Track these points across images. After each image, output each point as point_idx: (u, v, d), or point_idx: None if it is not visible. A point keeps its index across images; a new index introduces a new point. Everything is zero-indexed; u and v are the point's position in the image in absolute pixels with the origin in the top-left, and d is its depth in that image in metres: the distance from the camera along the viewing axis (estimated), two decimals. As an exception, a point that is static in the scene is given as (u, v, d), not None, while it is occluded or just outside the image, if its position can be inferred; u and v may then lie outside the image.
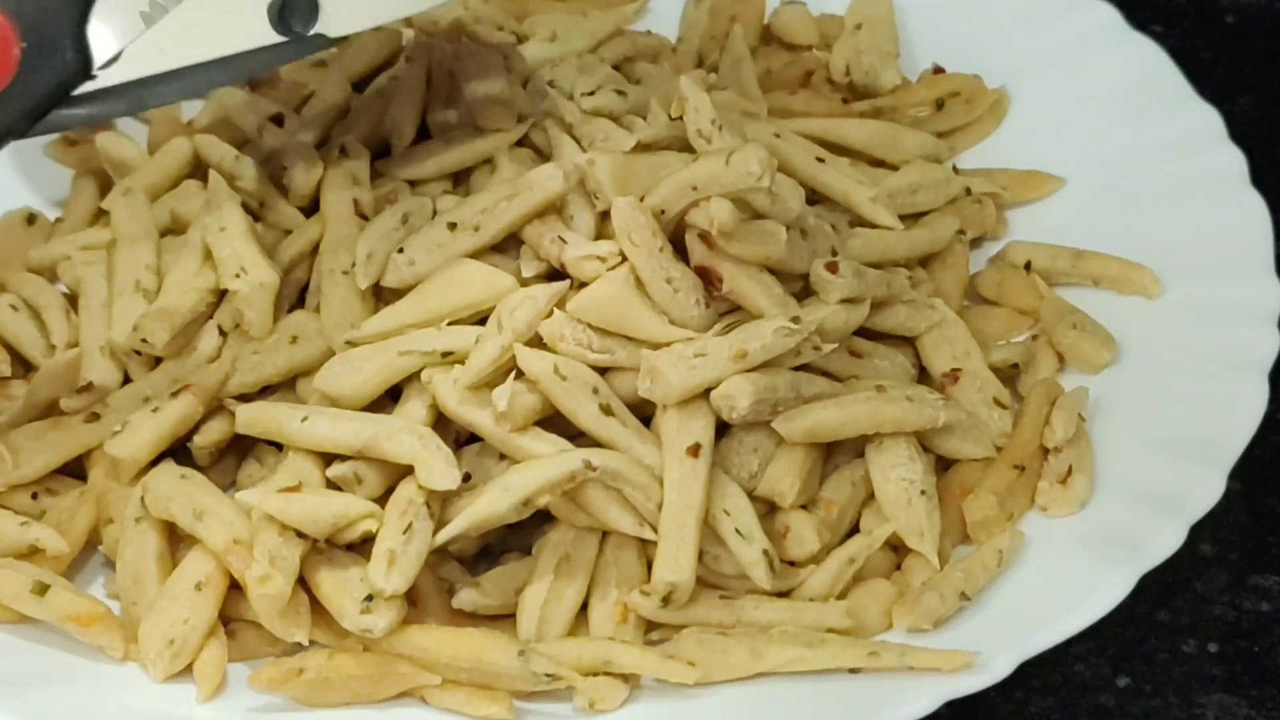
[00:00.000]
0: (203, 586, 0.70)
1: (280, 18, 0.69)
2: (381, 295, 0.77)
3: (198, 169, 0.84)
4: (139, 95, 0.72)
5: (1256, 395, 0.75)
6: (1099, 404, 0.77)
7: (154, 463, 0.74)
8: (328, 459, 0.72)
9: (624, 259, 0.73)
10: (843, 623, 0.70)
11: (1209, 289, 0.81)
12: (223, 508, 0.71)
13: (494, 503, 0.69)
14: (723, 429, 0.72)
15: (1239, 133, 0.87)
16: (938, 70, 0.93)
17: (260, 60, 0.72)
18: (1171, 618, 0.75)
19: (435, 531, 0.70)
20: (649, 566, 0.71)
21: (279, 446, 0.74)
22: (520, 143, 0.82)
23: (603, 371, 0.72)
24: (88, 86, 0.70)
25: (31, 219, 0.86)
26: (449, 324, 0.74)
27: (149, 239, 0.81)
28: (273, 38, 0.70)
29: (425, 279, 0.75)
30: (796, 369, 0.73)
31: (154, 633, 0.69)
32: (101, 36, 0.69)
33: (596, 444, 0.71)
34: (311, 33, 0.70)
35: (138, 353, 0.77)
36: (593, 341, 0.72)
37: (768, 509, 0.73)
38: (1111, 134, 0.89)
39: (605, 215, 0.74)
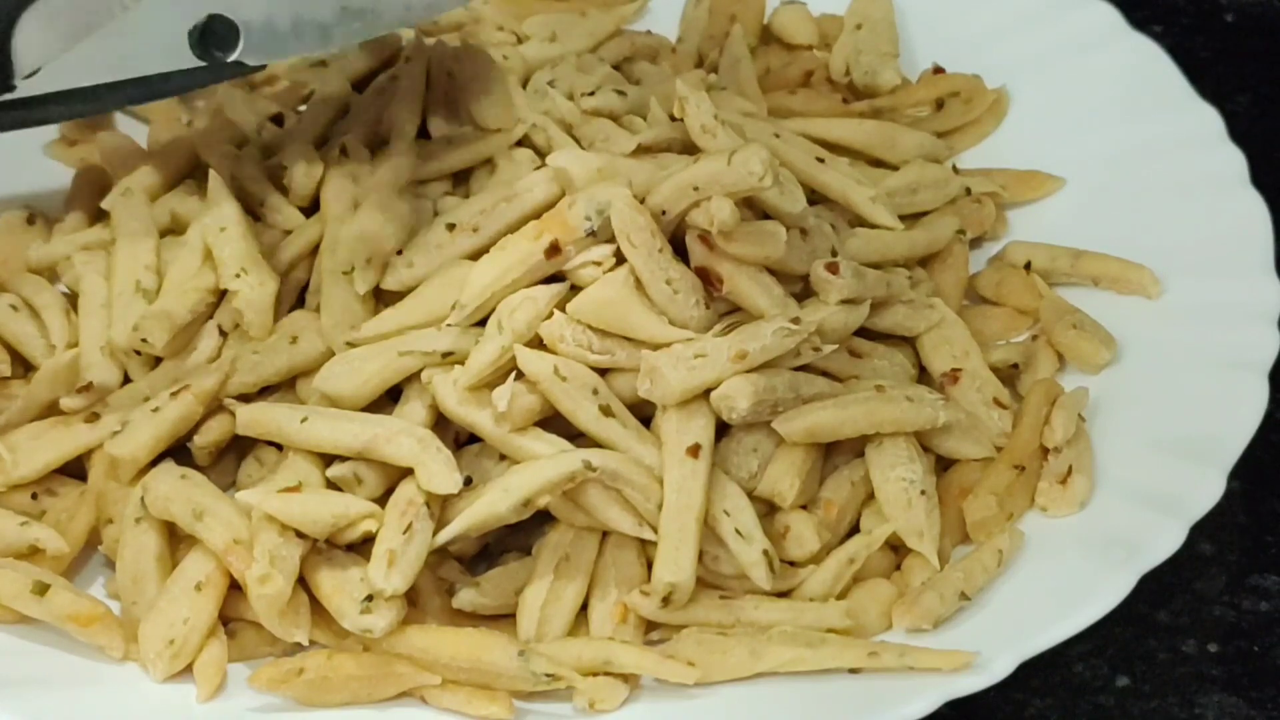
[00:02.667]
0: (203, 586, 0.70)
1: (200, 42, 0.69)
2: (381, 296, 0.77)
3: (198, 169, 0.84)
4: (56, 108, 0.72)
5: (1256, 395, 0.75)
6: (1099, 404, 0.77)
7: (154, 463, 0.74)
8: (328, 459, 0.72)
9: (621, 261, 0.73)
10: (843, 623, 0.70)
11: (1209, 289, 0.81)
12: (223, 508, 0.71)
13: (494, 503, 0.69)
14: (722, 429, 0.72)
15: (1239, 132, 0.87)
16: (938, 70, 0.93)
17: (177, 83, 0.72)
18: (1171, 618, 0.75)
19: (435, 532, 0.70)
20: (649, 566, 0.71)
21: (279, 446, 0.74)
22: (520, 143, 0.82)
23: (603, 372, 0.72)
24: (5, 95, 0.70)
25: (31, 219, 0.86)
26: (448, 325, 0.74)
27: (149, 239, 0.81)
28: (191, 61, 0.69)
29: (424, 280, 0.75)
30: (796, 369, 0.73)
31: (154, 633, 0.69)
32: (25, 50, 0.69)
33: (596, 444, 0.71)
34: (231, 59, 0.70)
35: (138, 353, 0.77)
36: (593, 342, 0.72)
37: (767, 509, 0.73)
38: (1111, 134, 0.89)
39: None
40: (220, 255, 0.78)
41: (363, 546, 0.70)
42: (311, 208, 0.81)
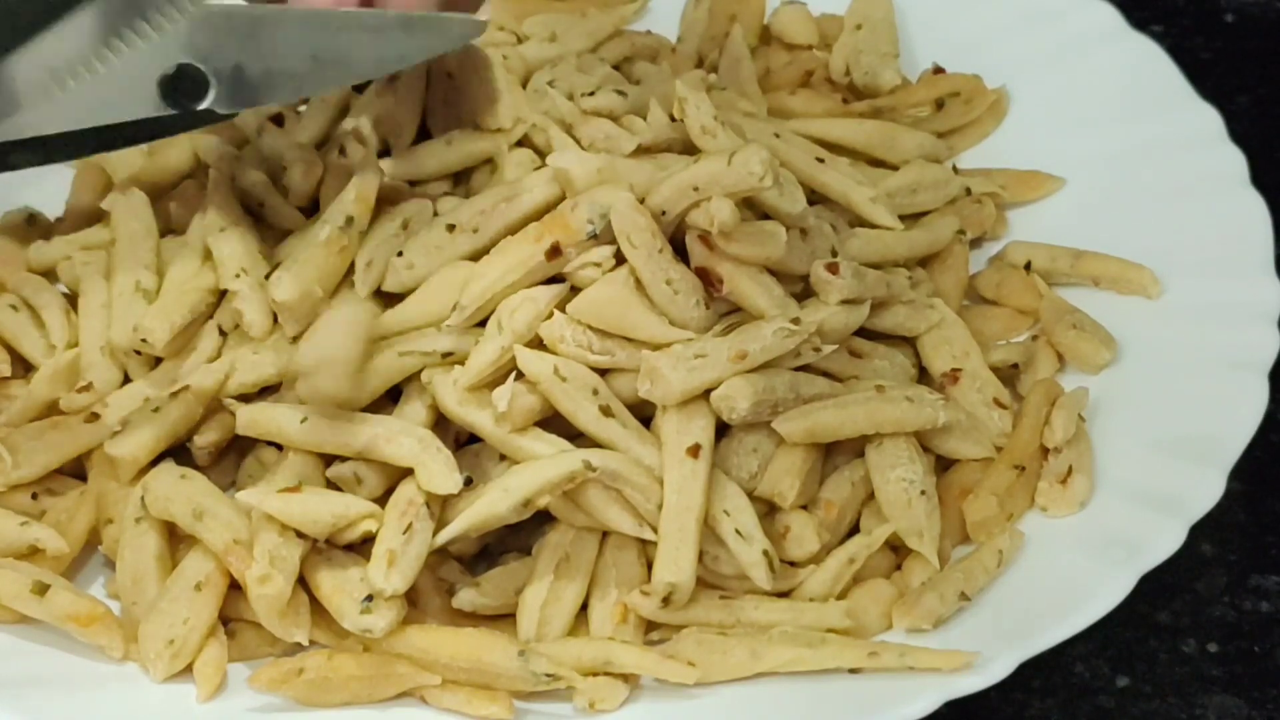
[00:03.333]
0: (203, 586, 0.70)
1: (170, 91, 0.68)
2: (382, 297, 0.77)
3: (198, 169, 0.84)
4: (21, 155, 0.72)
5: (1256, 395, 0.75)
6: (1099, 404, 0.77)
7: (154, 463, 0.74)
8: (328, 459, 0.72)
9: (621, 262, 0.73)
10: (842, 623, 0.70)
11: (1209, 289, 0.81)
12: (223, 508, 0.71)
13: (494, 503, 0.69)
14: (722, 429, 0.72)
15: (1239, 133, 0.87)
16: (938, 70, 0.93)
17: (146, 130, 0.71)
18: (1171, 618, 0.75)
19: (435, 532, 0.70)
20: (649, 567, 0.71)
21: (279, 446, 0.74)
22: (520, 143, 0.82)
23: (603, 373, 0.72)
24: None
25: (31, 219, 0.86)
26: (448, 325, 0.74)
27: (149, 239, 0.81)
28: (161, 109, 0.69)
29: (424, 281, 0.75)
30: (796, 369, 0.73)
31: (154, 633, 0.69)
32: None
33: (596, 445, 0.71)
34: (201, 108, 0.69)
35: (138, 353, 0.77)
36: (593, 343, 0.72)
37: (768, 509, 0.73)
38: (1111, 134, 0.89)
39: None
40: (220, 255, 0.78)
41: (363, 546, 0.70)
42: (311, 208, 0.81)
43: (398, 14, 0.70)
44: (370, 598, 0.69)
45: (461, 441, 0.74)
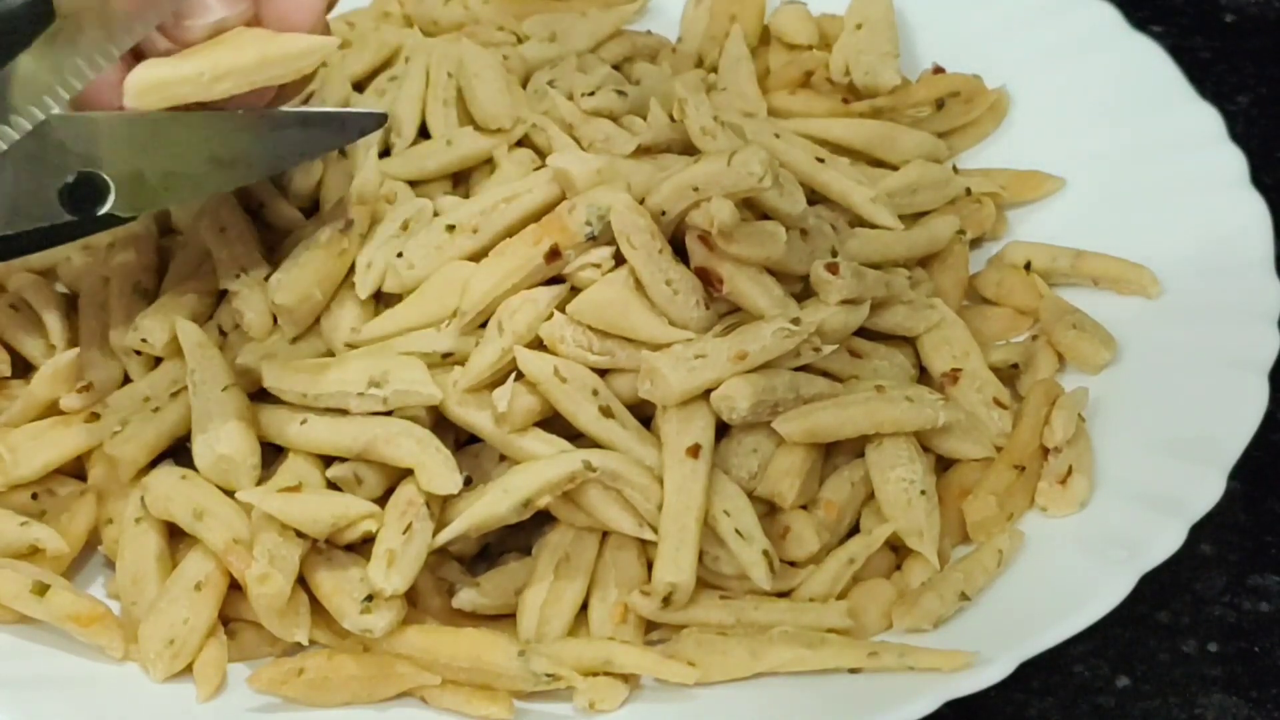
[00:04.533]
0: (203, 586, 0.70)
1: (70, 199, 0.68)
2: (382, 297, 0.77)
3: (197, 169, 0.84)
4: None
5: (1256, 395, 0.75)
6: (1099, 404, 0.77)
7: (154, 463, 0.74)
8: (328, 459, 0.72)
9: (620, 263, 0.73)
10: (842, 623, 0.70)
11: (1209, 289, 0.81)
12: (223, 508, 0.71)
13: (494, 504, 0.69)
14: (722, 429, 0.72)
15: (1239, 133, 0.87)
16: (938, 70, 0.93)
17: (48, 237, 0.71)
18: (1171, 618, 0.75)
19: (435, 532, 0.70)
20: (649, 567, 0.71)
21: (279, 447, 0.74)
22: (520, 143, 0.82)
23: (603, 373, 0.72)
24: None
25: (31, 219, 0.86)
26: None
27: (149, 239, 0.81)
28: (62, 216, 0.69)
29: (424, 281, 0.75)
30: (796, 370, 0.73)
31: (154, 633, 0.69)
32: None
33: (596, 445, 0.71)
34: (102, 213, 0.69)
35: (138, 353, 0.77)
36: (593, 343, 0.72)
37: (768, 509, 0.73)
38: (1111, 134, 0.89)
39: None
40: (220, 255, 0.78)
41: (363, 546, 0.71)
42: (311, 208, 0.81)
43: (295, 112, 0.70)
44: (370, 598, 0.69)
45: (461, 441, 0.74)
